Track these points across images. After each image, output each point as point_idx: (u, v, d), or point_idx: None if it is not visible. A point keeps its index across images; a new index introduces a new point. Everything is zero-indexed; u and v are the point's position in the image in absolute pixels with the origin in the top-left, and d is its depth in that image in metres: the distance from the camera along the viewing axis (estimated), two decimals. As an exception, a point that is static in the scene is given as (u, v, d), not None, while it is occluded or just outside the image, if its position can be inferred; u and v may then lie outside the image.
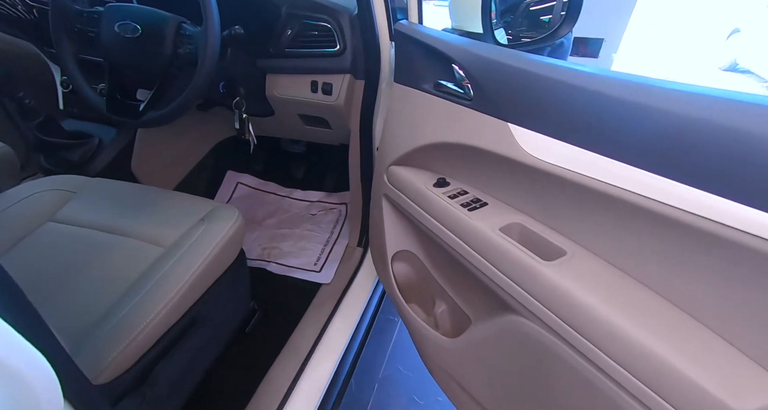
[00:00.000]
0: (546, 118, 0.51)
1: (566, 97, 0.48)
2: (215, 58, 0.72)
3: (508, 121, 0.55)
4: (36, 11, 1.02)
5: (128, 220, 0.78)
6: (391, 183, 0.88)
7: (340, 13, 0.90)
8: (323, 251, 1.30)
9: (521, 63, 0.53)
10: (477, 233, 0.60)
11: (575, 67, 0.49)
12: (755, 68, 4.12)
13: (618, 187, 0.44)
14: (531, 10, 0.82)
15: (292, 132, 1.23)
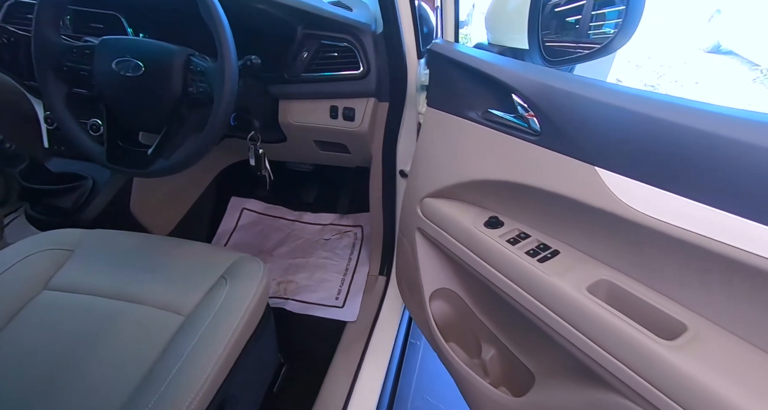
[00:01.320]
0: (653, 164, 0.43)
1: (682, 141, 0.40)
2: (233, 97, 0.62)
3: (596, 165, 0.47)
4: (13, 37, 0.90)
5: (137, 282, 0.68)
6: (427, 216, 0.80)
7: (362, 32, 0.80)
8: (343, 282, 1.21)
9: (614, 98, 0.45)
10: (555, 291, 0.52)
11: (689, 103, 0.41)
12: (738, 49, 4.14)
13: (754, 254, 0.37)
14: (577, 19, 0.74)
15: (305, 157, 1.13)
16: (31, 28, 0.64)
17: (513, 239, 0.61)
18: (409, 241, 0.90)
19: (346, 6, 0.87)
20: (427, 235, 0.82)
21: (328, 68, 0.83)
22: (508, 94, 0.57)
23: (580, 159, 0.49)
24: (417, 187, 0.82)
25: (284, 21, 0.80)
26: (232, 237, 1.38)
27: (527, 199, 0.61)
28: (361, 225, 1.42)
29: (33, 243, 0.72)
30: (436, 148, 0.76)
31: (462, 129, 0.68)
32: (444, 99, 0.71)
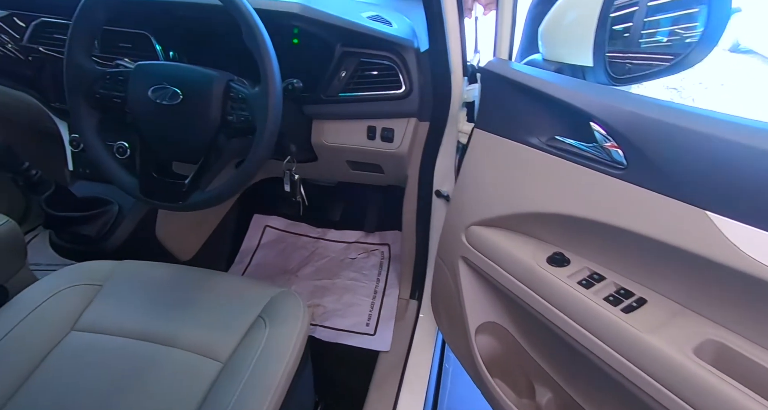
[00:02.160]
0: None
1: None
2: (277, 126, 0.57)
3: (708, 209, 0.41)
4: (39, 57, 0.87)
5: (170, 323, 0.64)
6: (474, 245, 0.74)
7: (405, 49, 0.75)
8: (372, 306, 1.16)
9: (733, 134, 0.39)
10: (650, 351, 0.45)
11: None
12: (758, 48, 4.02)
13: None
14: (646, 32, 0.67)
15: (334, 176, 1.08)
16: (64, 53, 0.60)
17: (585, 281, 0.55)
18: (450, 269, 0.85)
19: (385, 20, 0.82)
20: (473, 265, 0.76)
21: (367, 87, 0.78)
22: (585, 121, 0.51)
23: (683, 200, 0.43)
24: (462, 213, 0.76)
25: (322, 39, 0.75)
26: (255, 256, 1.33)
27: (603, 237, 0.54)
28: (388, 244, 1.36)
29: (61, 278, 0.68)
30: (486, 174, 0.70)
31: (520, 156, 0.62)
32: (498, 122, 0.66)
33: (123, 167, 0.64)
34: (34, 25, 0.85)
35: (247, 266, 1.29)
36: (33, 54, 0.87)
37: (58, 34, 0.84)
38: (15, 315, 0.61)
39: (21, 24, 0.88)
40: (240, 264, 1.29)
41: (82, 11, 0.59)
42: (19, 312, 0.62)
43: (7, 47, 0.90)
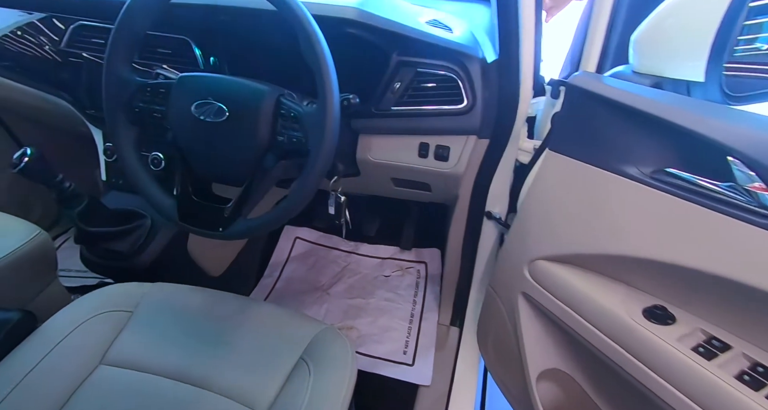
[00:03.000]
0: None
1: None
2: (333, 148, 0.50)
3: None
4: (68, 62, 0.83)
5: (203, 360, 0.57)
6: (540, 282, 0.65)
7: (469, 60, 0.67)
8: (410, 332, 1.08)
9: None
10: None
11: None
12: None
13: None
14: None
15: (375, 192, 1.01)
16: (103, 62, 0.55)
17: (703, 348, 0.45)
18: (506, 303, 0.76)
19: (444, 26, 0.74)
20: (537, 304, 0.67)
21: (423, 101, 0.70)
22: (717, 155, 0.42)
23: None
24: (527, 244, 0.67)
25: (377, 47, 0.68)
26: (285, 270, 1.27)
27: (727, 296, 0.45)
28: (425, 262, 1.28)
29: (90, 303, 0.63)
30: (561, 204, 0.61)
31: (612, 187, 0.53)
32: (583, 146, 0.56)
33: (160, 187, 0.58)
34: (73, 28, 0.81)
35: (277, 280, 1.24)
36: (70, 58, 0.84)
37: (96, 38, 0.80)
38: (44, 345, 0.56)
39: (60, 26, 0.85)
40: (269, 278, 1.24)
41: (124, 17, 0.54)
42: (48, 343, 0.57)
43: (44, 49, 0.87)
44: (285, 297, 1.18)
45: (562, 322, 0.62)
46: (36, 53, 0.87)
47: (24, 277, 0.75)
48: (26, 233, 0.76)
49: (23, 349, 0.55)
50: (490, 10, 0.97)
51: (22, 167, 0.64)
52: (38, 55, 0.87)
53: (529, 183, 0.70)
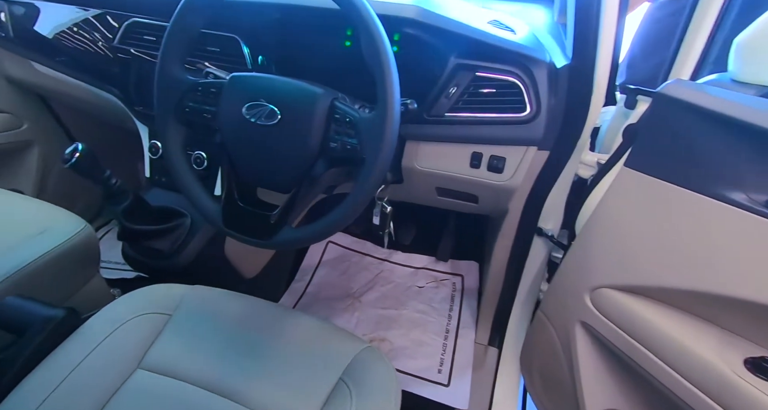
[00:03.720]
0: None
1: None
2: (390, 158, 0.46)
3: None
4: (119, 58, 0.84)
5: (241, 373, 0.55)
6: (604, 312, 0.59)
7: (536, 64, 0.61)
8: (445, 348, 1.02)
9: None
10: None
11: None
12: None
13: None
14: None
15: (416, 200, 0.97)
16: (157, 60, 0.54)
17: None
18: (560, 331, 0.69)
19: (506, 27, 0.68)
20: (599, 336, 0.60)
21: (481, 108, 0.65)
22: None
23: None
24: (590, 269, 0.61)
25: (435, 48, 0.63)
26: (316, 274, 1.25)
27: None
28: (461, 275, 1.22)
29: (130, 304, 0.62)
30: (640, 228, 0.54)
31: (709, 214, 0.46)
32: (672, 164, 0.50)
33: (206, 191, 0.56)
34: (126, 25, 0.82)
35: (308, 284, 1.21)
36: (121, 54, 0.84)
37: (148, 35, 0.80)
38: (85, 345, 0.56)
39: (114, 23, 0.86)
40: (300, 282, 1.22)
41: (179, 15, 0.52)
42: (90, 342, 0.56)
43: (98, 45, 0.88)
44: (315, 302, 1.16)
45: (631, 360, 0.56)
46: (90, 49, 0.89)
47: (68, 271, 0.75)
48: (73, 226, 0.76)
49: (66, 347, 0.55)
50: (550, 10, 0.90)
51: (74, 162, 0.64)
52: (92, 50, 0.88)
53: (595, 201, 0.63)
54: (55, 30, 0.92)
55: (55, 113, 1.23)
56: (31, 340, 0.53)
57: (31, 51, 0.96)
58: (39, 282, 0.69)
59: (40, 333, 0.54)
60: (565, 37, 0.72)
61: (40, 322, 0.54)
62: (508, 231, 0.85)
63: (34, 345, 0.53)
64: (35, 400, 0.48)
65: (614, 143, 0.68)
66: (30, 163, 1.19)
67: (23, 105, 1.14)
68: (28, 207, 0.82)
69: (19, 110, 1.13)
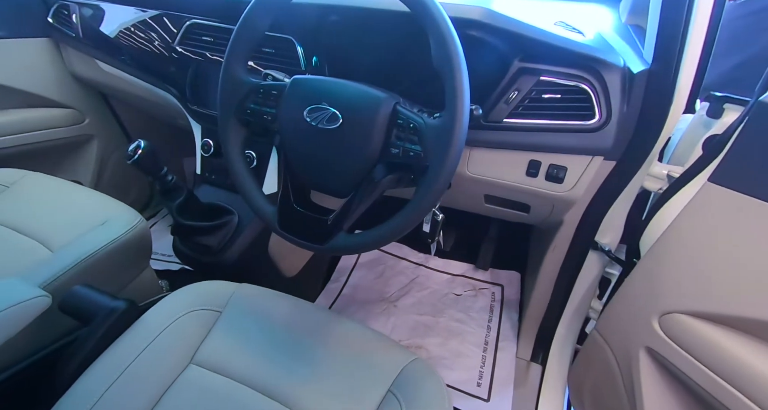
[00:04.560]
0: None
1: None
2: (455, 167, 0.44)
3: None
4: (177, 57, 0.86)
5: (291, 377, 0.55)
6: (677, 340, 0.54)
7: (608, 69, 0.57)
8: (484, 361, 0.99)
9: None
10: None
11: None
12: None
13: None
14: None
15: (461, 206, 0.94)
16: (222, 63, 0.54)
17: None
18: (620, 356, 0.65)
19: (573, 28, 0.65)
20: (669, 365, 0.56)
21: (543, 114, 0.62)
22: None
23: None
24: (661, 291, 0.56)
25: (498, 51, 0.60)
26: (352, 276, 1.25)
27: None
28: (501, 285, 1.18)
29: (183, 300, 0.64)
30: (731, 252, 0.49)
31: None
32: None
33: (262, 193, 0.56)
34: (187, 26, 0.84)
35: (343, 286, 1.21)
36: (181, 54, 0.87)
37: (206, 37, 0.82)
38: (143, 338, 0.57)
39: (170, 25, 0.88)
40: (336, 283, 1.22)
41: (247, 17, 0.52)
42: (147, 336, 0.58)
43: (156, 45, 0.91)
44: (351, 304, 1.15)
45: (707, 394, 0.51)
46: (150, 49, 0.92)
47: (123, 263, 0.78)
48: (129, 220, 0.79)
49: (127, 339, 0.56)
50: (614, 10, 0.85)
51: (136, 159, 0.66)
52: (152, 50, 0.92)
53: (667, 217, 0.58)
54: (117, 30, 0.97)
55: (112, 109, 1.30)
56: (96, 330, 0.55)
57: (96, 50, 1.01)
58: (100, 271, 0.73)
59: (104, 324, 0.56)
60: (637, 39, 0.67)
61: (104, 313, 0.56)
62: (560, 244, 0.81)
63: (99, 334, 0.55)
64: (100, 388, 0.50)
65: (690, 155, 0.63)
66: (89, 155, 1.26)
67: (86, 101, 1.21)
68: (89, 198, 0.86)
69: (83, 106, 1.20)
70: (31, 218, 0.79)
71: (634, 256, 0.72)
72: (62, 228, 0.77)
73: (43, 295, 0.46)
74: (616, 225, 0.76)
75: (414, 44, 0.67)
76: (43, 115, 1.11)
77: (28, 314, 0.44)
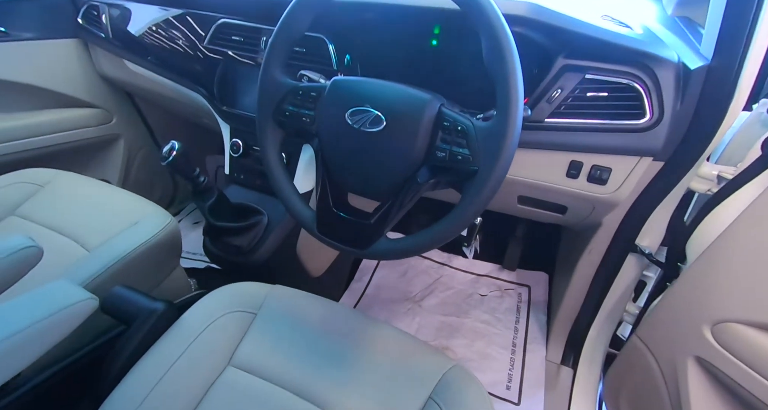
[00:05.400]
0: None
1: None
2: (507, 170, 0.43)
3: None
4: (206, 57, 0.86)
5: (328, 381, 0.54)
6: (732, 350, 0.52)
7: (661, 65, 0.54)
8: (513, 364, 0.97)
9: None
10: None
11: None
12: None
13: None
14: None
15: (492, 207, 0.92)
16: (261, 65, 0.54)
17: None
18: (664, 364, 0.62)
19: (620, 22, 0.62)
20: (722, 377, 0.54)
21: (588, 113, 0.59)
22: None
23: None
24: (714, 298, 0.54)
25: (543, 47, 0.58)
26: (375, 275, 1.24)
27: None
28: (527, 286, 1.16)
29: (219, 301, 0.64)
30: None
31: None
32: None
33: (300, 197, 0.55)
34: (216, 26, 0.83)
35: (367, 285, 1.21)
36: (208, 54, 0.86)
37: (236, 36, 0.82)
38: (183, 340, 0.57)
39: (195, 23, 0.88)
40: (359, 283, 1.21)
41: (287, 19, 0.51)
42: (187, 338, 0.58)
43: (182, 44, 0.91)
44: (375, 304, 1.15)
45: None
46: (177, 48, 0.92)
47: (156, 263, 0.79)
48: (161, 220, 0.80)
49: (167, 341, 0.57)
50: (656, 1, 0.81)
51: (171, 160, 0.66)
52: (180, 49, 0.91)
53: (723, 221, 0.56)
54: (143, 29, 0.97)
55: (137, 108, 1.31)
56: (137, 332, 0.55)
57: (125, 50, 1.02)
58: (134, 271, 0.73)
59: (144, 325, 0.56)
60: (688, 33, 0.64)
61: (144, 314, 0.57)
62: (597, 246, 0.78)
63: (140, 336, 0.55)
64: (143, 391, 0.51)
65: (745, 155, 0.60)
66: (116, 154, 1.28)
67: (114, 100, 1.22)
68: (120, 198, 0.87)
69: (110, 105, 1.21)
70: (66, 217, 0.80)
71: (678, 260, 0.69)
72: (97, 228, 0.78)
73: (91, 298, 0.46)
74: (658, 227, 0.73)
75: (453, 42, 0.65)
76: (73, 115, 1.13)
77: (78, 316, 0.44)
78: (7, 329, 0.40)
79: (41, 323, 0.42)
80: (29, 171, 0.89)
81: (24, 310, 0.42)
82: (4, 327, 0.39)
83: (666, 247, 0.77)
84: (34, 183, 0.87)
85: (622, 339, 0.96)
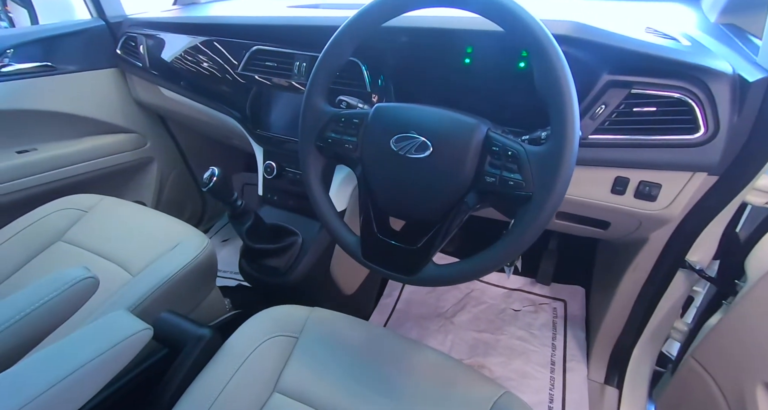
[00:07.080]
0: None
1: None
2: (563, 197, 0.42)
3: None
4: (242, 82, 0.88)
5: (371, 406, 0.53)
6: None
7: (715, 78, 0.52)
8: (553, 383, 0.94)
9: None
10: None
11: None
12: None
13: None
14: None
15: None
16: (304, 92, 0.54)
17: None
18: (728, 391, 0.59)
19: (665, 35, 0.60)
20: None
21: (635, 129, 0.57)
22: None
23: None
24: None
25: (586, 64, 0.57)
26: (404, 290, 1.23)
27: None
28: (563, 300, 1.12)
29: (261, 325, 0.64)
30: None
31: None
32: None
33: (344, 223, 0.55)
34: (251, 53, 0.85)
35: (396, 301, 1.20)
36: (241, 79, 0.88)
37: (269, 62, 0.83)
38: (229, 366, 0.58)
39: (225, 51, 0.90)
40: (389, 298, 1.20)
41: (331, 48, 0.52)
42: (233, 364, 0.58)
43: (215, 69, 0.93)
44: (406, 321, 1.13)
45: None
46: (211, 73, 0.94)
47: (195, 285, 0.80)
48: (199, 243, 0.81)
49: (214, 368, 0.57)
50: (695, 9, 0.79)
51: (211, 186, 0.68)
52: (214, 75, 0.93)
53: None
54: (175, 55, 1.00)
55: (169, 130, 1.36)
56: (186, 359, 0.56)
57: (160, 78, 1.06)
58: (176, 294, 0.75)
59: (192, 353, 0.56)
60: (739, 41, 0.61)
61: (192, 341, 0.57)
62: (643, 263, 0.75)
63: (189, 364, 0.56)
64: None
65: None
66: (150, 177, 1.31)
67: (148, 125, 1.26)
68: (159, 222, 0.89)
69: (145, 130, 1.25)
70: (110, 242, 0.82)
71: (735, 277, 0.66)
72: (138, 253, 0.80)
73: (147, 328, 0.47)
74: (709, 241, 0.70)
75: (486, 60, 0.65)
76: (111, 140, 1.17)
77: (135, 347, 0.45)
78: (72, 362, 0.40)
79: (103, 356, 0.43)
80: (74, 197, 0.92)
81: (87, 343, 0.43)
82: (70, 360, 0.40)
83: (717, 261, 0.74)
84: (79, 209, 0.90)
85: (668, 356, 0.91)
